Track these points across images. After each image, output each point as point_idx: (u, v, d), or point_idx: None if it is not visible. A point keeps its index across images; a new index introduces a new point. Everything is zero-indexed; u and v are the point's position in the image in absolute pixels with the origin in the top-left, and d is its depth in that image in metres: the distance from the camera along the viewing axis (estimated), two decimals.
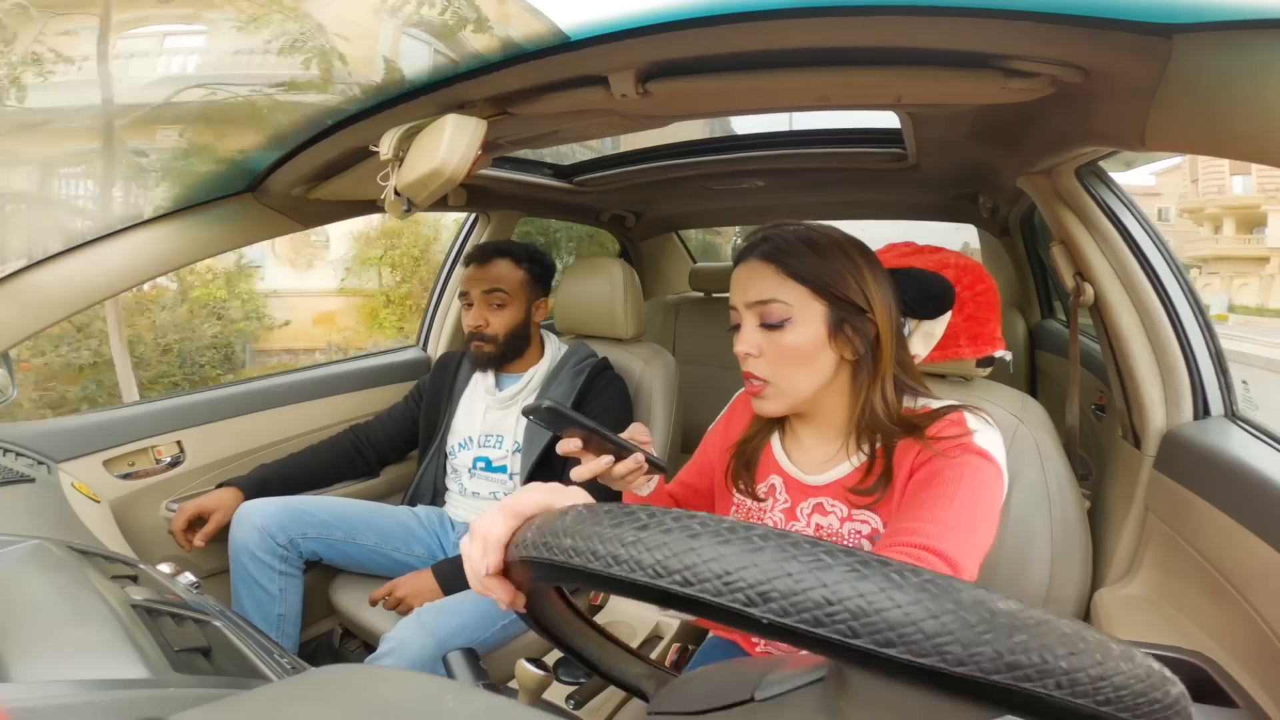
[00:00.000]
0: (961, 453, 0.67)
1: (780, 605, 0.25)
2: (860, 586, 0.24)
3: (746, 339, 0.74)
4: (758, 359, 0.74)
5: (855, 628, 0.24)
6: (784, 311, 0.71)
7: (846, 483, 0.75)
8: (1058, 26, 0.59)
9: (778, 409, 0.75)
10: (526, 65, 0.76)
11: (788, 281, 0.71)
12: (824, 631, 0.24)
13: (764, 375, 0.74)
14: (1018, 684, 0.23)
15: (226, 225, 1.16)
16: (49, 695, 0.37)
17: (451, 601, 1.13)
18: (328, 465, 1.41)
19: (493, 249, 1.41)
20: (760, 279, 0.73)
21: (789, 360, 0.72)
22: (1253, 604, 0.74)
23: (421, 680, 0.35)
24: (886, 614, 0.23)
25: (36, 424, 1.19)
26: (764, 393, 0.74)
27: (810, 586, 0.24)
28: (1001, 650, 0.23)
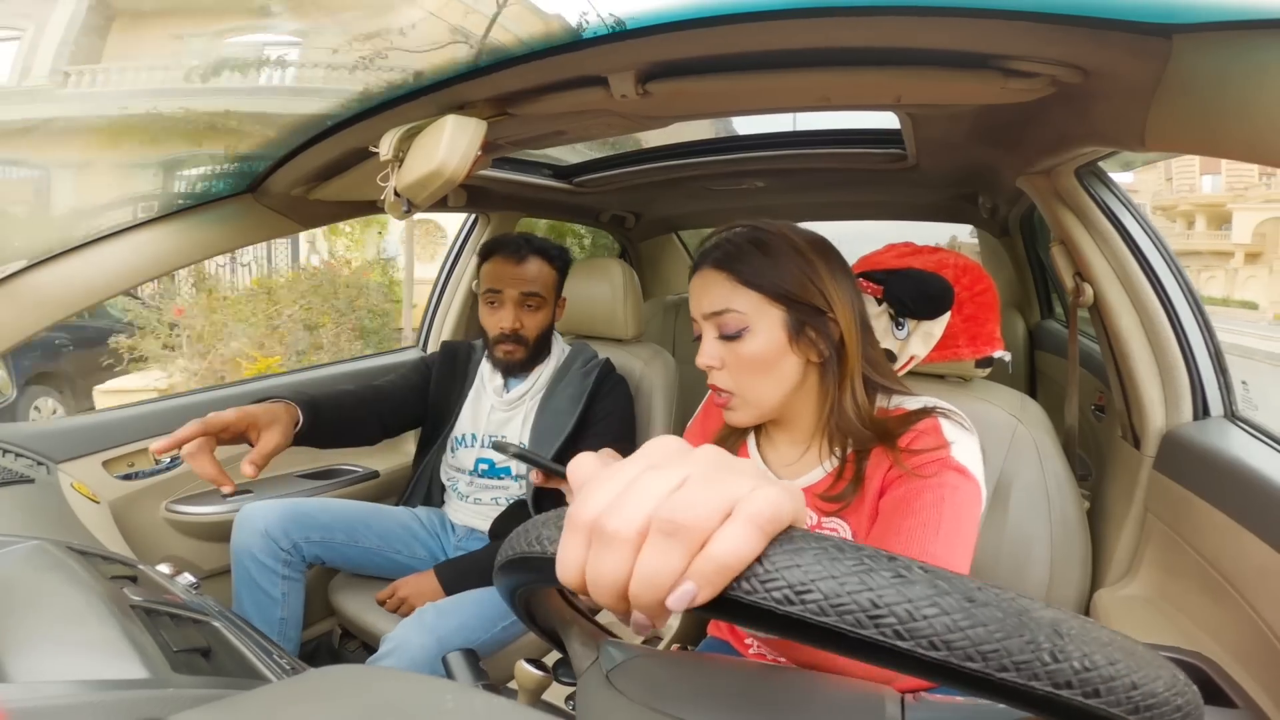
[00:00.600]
0: (939, 469, 0.65)
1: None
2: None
3: (707, 351, 0.72)
4: (720, 371, 0.71)
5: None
6: (740, 321, 0.69)
7: (817, 489, 0.74)
8: (1057, 26, 0.59)
9: (747, 419, 0.74)
10: (526, 66, 0.76)
11: (740, 289, 0.69)
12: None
13: (728, 387, 0.72)
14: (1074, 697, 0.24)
15: (226, 225, 1.16)
16: (48, 695, 0.37)
17: (452, 602, 1.12)
18: (361, 406, 1.24)
19: (526, 244, 1.32)
20: (713, 288, 0.70)
21: (750, 370, 0.70)
22: (1252, 604, 0.74)
23: (421, 681, 0.35)
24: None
25: (36, 424, 1.19)
26: (730, 404, 0.73)
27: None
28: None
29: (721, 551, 0.24)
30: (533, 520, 0.34)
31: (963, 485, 0.65)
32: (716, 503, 0.25)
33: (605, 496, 0.27)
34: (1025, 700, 0.23)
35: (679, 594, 0.25)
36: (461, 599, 1.13)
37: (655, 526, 0.25)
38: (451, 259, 1.94)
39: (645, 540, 0.25)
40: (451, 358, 1.46)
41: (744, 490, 0.26)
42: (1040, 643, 0.23)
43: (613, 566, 0.26)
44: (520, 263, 1.31)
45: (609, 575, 0.26)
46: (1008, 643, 0.23)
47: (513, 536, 0.35)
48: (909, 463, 0.66)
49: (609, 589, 0.26)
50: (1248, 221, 13.42)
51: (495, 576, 0.38)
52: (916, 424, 0.69)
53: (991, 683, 0.23)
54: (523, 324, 1.30)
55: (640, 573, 0.25)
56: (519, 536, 0.34)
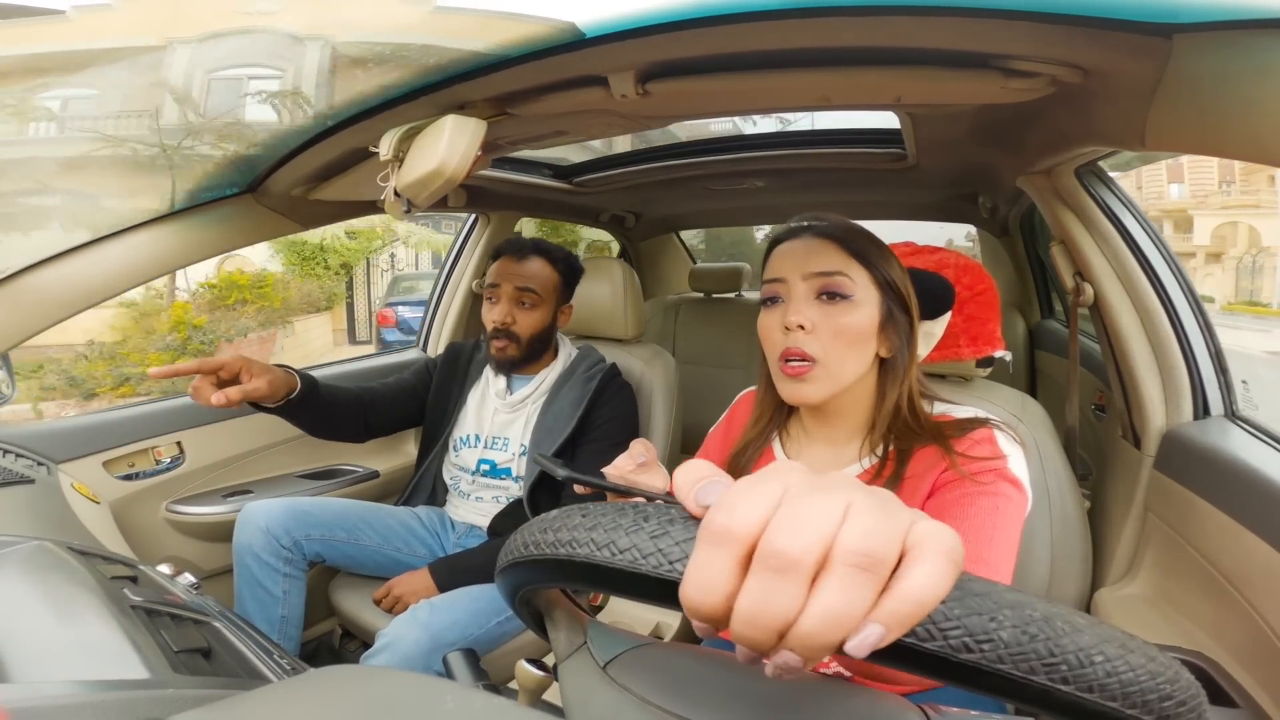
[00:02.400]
0: (996, 479, 0.65)
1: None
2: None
3: (800, 310, 0.69)
4: (809, 335, 0.69)
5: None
6: (849, 287, 0.69)
7: None
8: (1058, 26, 0.59)
9: (819, 394, 0.70)
10: (526, 66, 0.76)
11: (853, 261, 0.70)
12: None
13: (814, 353, 0.68)
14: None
15: (226, 226, 1.16)
16: (49, 695, 0.37)
17: (446, 598, 1.13)
18: (349, 404, 1.28)
19: (530, 245, 1.35)
20: (824, 252, 0.70)
21: (844, 339, 0.68)
22: (1253, 604, 0.74)
23: (421, 681, 0.35)
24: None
25: (36, 425, 1.19)
26: (809, 374, 0.69)
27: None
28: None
29: (917, 589, 0.22)
30: (581, 518, 0.30)
31: (1016, 498, 0.65)
32: (898, 534, 0.23)
33: (762, 511, 0.23)
34: None
35: (863, 637, 0.22)
36: (456, 595, 1.13)
37: (843, 559, 0.22)
38: (451, 259, 1.94)
39: (825, 572, 0.22)
40: (454, 359, 1.47)
41: (910, 520, 0.24)
42: (1157, 669, 0.25)
43: (786, 601, 0.22)
44: (521, 260, 1.33)
45: (778, 609, 0.22)
46: (1145, 684, 0.24)
47: (550, 533, 0.31)
48: (967, 468, 0.66)
49: (771, 626, 0.22)
50: (1207, 225, 14.85)
51: (503, 574, 0.36)
52: (972, 432, 0.69)
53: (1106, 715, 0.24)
54: (515, 320, 1.31)
55: (822, 611, 0.22)
56: (566, 535, 0.30)
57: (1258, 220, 14.53)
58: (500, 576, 0.38)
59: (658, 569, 0.26)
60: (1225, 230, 14.85)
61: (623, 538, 0.28)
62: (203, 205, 1.14)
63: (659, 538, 0.27)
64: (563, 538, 0.30)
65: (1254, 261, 14.08)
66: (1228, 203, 14.97)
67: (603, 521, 0.29)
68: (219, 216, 1.15)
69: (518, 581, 0.36)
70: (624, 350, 1.50)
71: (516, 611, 0.44)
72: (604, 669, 0.38)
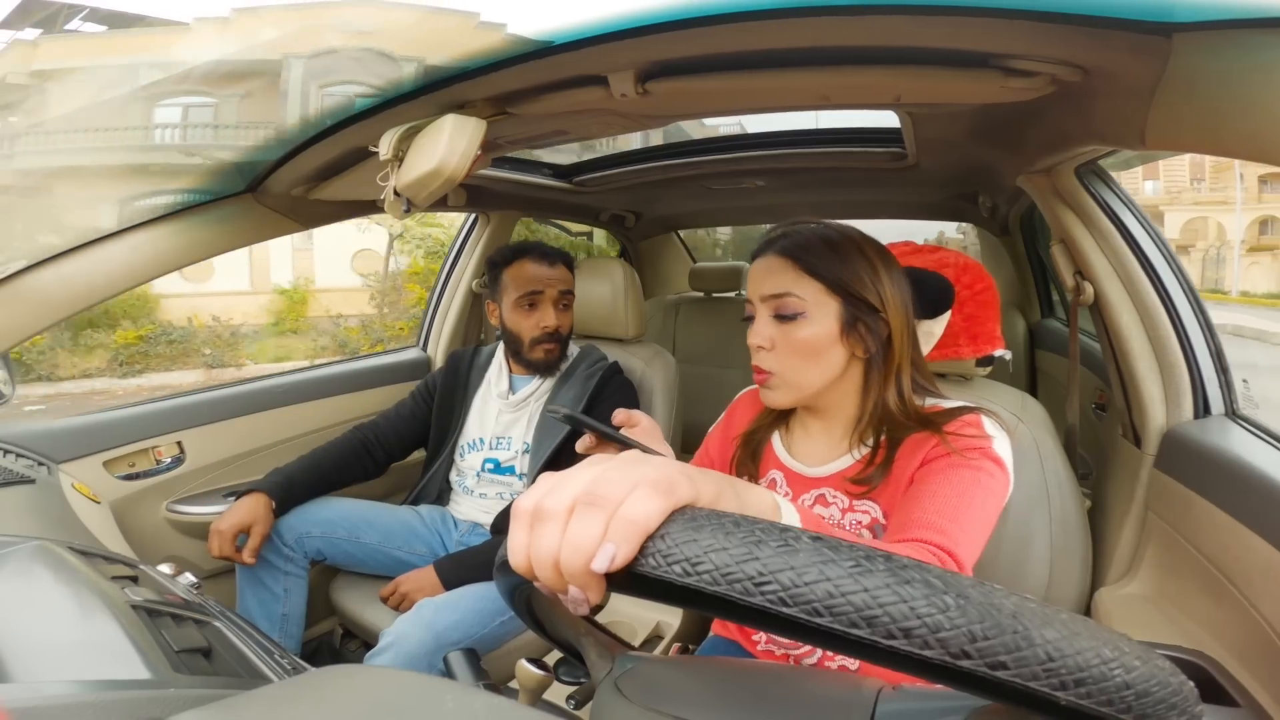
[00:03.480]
0: (980, 456, 0.68)
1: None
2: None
3: (759, 331, 0.75)
4: (769, 351, 0.75)
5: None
6: (798, 305, 0.72)
7: (848, 474, 0.76)
8: (1057, 26, 0.59)
9: (784, 400, 0.77)
10: (526, 65, 0.76)
11: (804, 277, 0.73)
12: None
13: (770, 368, 0.75)
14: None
15: (226, 225, 1.16)
16: (49, 695, 0.37)
17: (450, 597, 1.13)
18: (341, 466, 1.35)
19: (554, 251, 1.40)
20: (777, 273, 0.74)
21: (798, 354, 0.73)
22: (1253, 603, 0.74)
23: (422, 681, 0.35)
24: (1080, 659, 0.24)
25: (36, 424, 1.19)
26: (769, 383, 0.76)
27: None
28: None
29: (630, 511, 0.29)
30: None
31: (998, 475, 0.68)
32: (627, 480, 0.30)
33: (543, 488, 0.32)
34: (924, 669, 0.24)
35: (601, 555, 0.28)
36: (460, 594, 1.14)
37: (579, 501, 0.30)
38: (451, 259, 1.94)
39: (573, 515, 0.30)
40: (455, 368, 1.49)
41: (649, 469, 0.31)
42: (922, 610, 0.24)
43: (548, 541, 0.30)
44: (553, 265, 1.37)
45: (545, 549, 0.30)
46: (891, 609, 0.24)
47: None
48: (954, 443, 0.69)
49: (546, 563, 0.30)
50: (1178, 220, 15.73)
51: (496, 574, 0.39)
52: (961, 416, 0.72)
53: (878, 649, 0.24)
54: (560, 323, 1.37)
55: (568, 541, 0.30)
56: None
57: (1225, 215, 15.39)
58: (495, 575, 0.40)
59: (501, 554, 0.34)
60: (1196, 224, 15.63)
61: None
62: (203, 205, 1.14)
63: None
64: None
65: (1218, 253, 15.02)
66: (1198, 199, 15.72)
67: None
68: (219, 216, 1.15)
69: (507, 581, 0.39)
70: (624, 350, 1.50)
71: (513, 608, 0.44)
72: (615, 684, 0.39)
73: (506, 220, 1.90)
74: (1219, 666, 0.72)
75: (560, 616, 0.46)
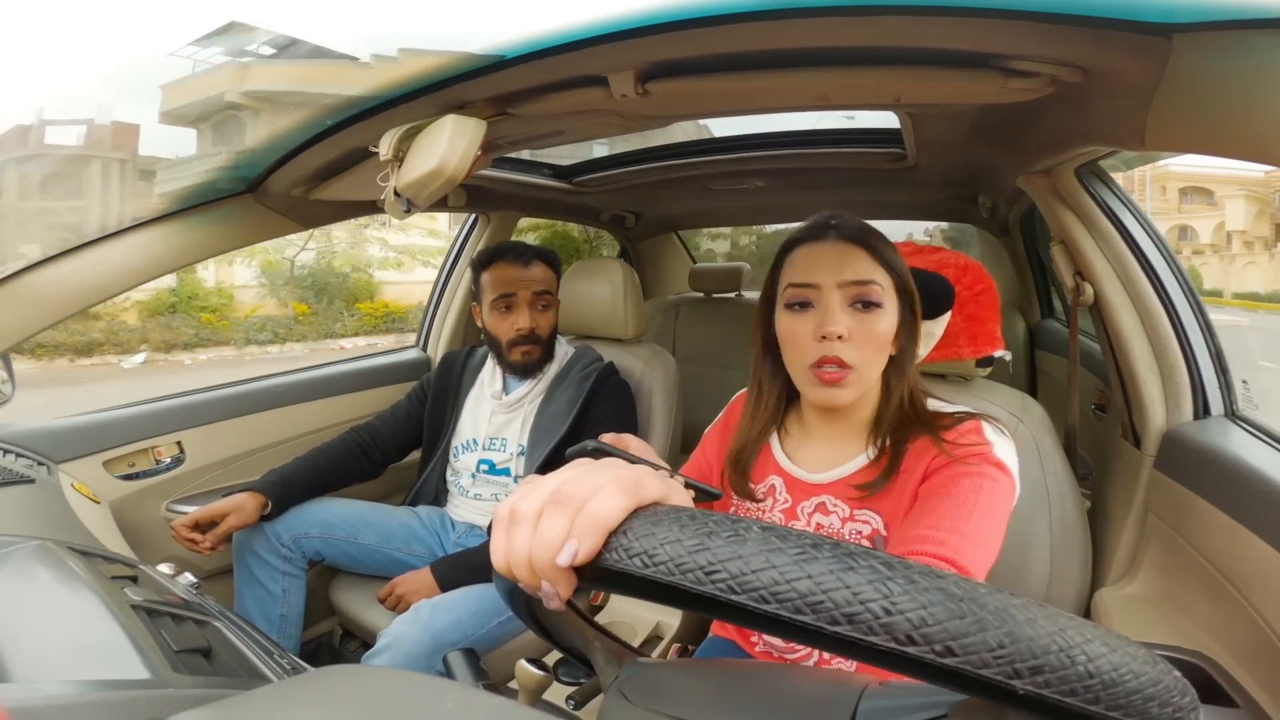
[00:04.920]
0: (981, 462, 0.67)
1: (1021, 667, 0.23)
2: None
3: (838, 319, 0.69)
4: (846, 342, 0.69)
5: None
6: (879, 295, 0.70)
7: (854, 479, 0.75)
8: (1057, 26, 0.59)
9: (851, 398, 0.72)
10: (526, 65, 0.76)
11: (879, 268, 0.71)
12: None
13: (852, 361, 0.69)
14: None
15: (226, 226, 1.16)
16: (49, 695, 0.37)
17: (448, 598, 1.13)
18: (338, 467, 1.35)
19: (531, 250, 1.39)
20: (856, 259, 0.71)
21: (875, 345, 0.71)
22: (1253, 604, 0.74)
23: (421, 681, 0.35)
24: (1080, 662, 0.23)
25: (36, 424, 1.19)
26: (846, 380, 0.70)
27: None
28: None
29: (593, 508, 0.30)
30: None
31: (1001, 479, 0.67)
32: (594, 481, 0.32)
33: (519, 493, 0.34)
34: (875, 656, 0.24)
35: (565, 551, 0.30)
36: (457, 595, 1.14)
37: (548, 500, 0.32)
38: (451, 259, 1.94)
39: (542, 515, 0.32)
40: (448, 369, 1.49)
41: (619, 470, 0.33)
42: (866, 595, 0.24)
43: (520, 541, 0.32)
44: (527, 265, 1.36)
45: (519, 549, 0.32)
46: (835, 594, 0.24)
47: None
48: (954, 452, 0.68)
49: (520, 562, 0.32)
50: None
51: (495, 575, 0.39)
52: (961, 424, 0.71)
53: (824, 635, 0.24)
54: (537, 324, 1.35)
55: (536, 539, 0.31)
56: None
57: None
58: (495, 576, 0.40)
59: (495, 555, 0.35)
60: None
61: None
62: (203, 205, 1.14)
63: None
64: None
65: None
66: (1154, 208, 16.68)
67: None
68: (219, 216, 1.15)
69: (506, 582, 0.39)
70: (624, 350, 1.50)
71: (514, 609, 0.44)
72: (619, 689, 0.39)
73: (506, 220, 1.90)
74: (1218, 667, 0.72)
75: (569, 624, 0.47)
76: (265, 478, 1.26)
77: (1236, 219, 11.05)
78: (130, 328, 8.00)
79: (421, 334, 1.95)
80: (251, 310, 8.83)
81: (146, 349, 7.80)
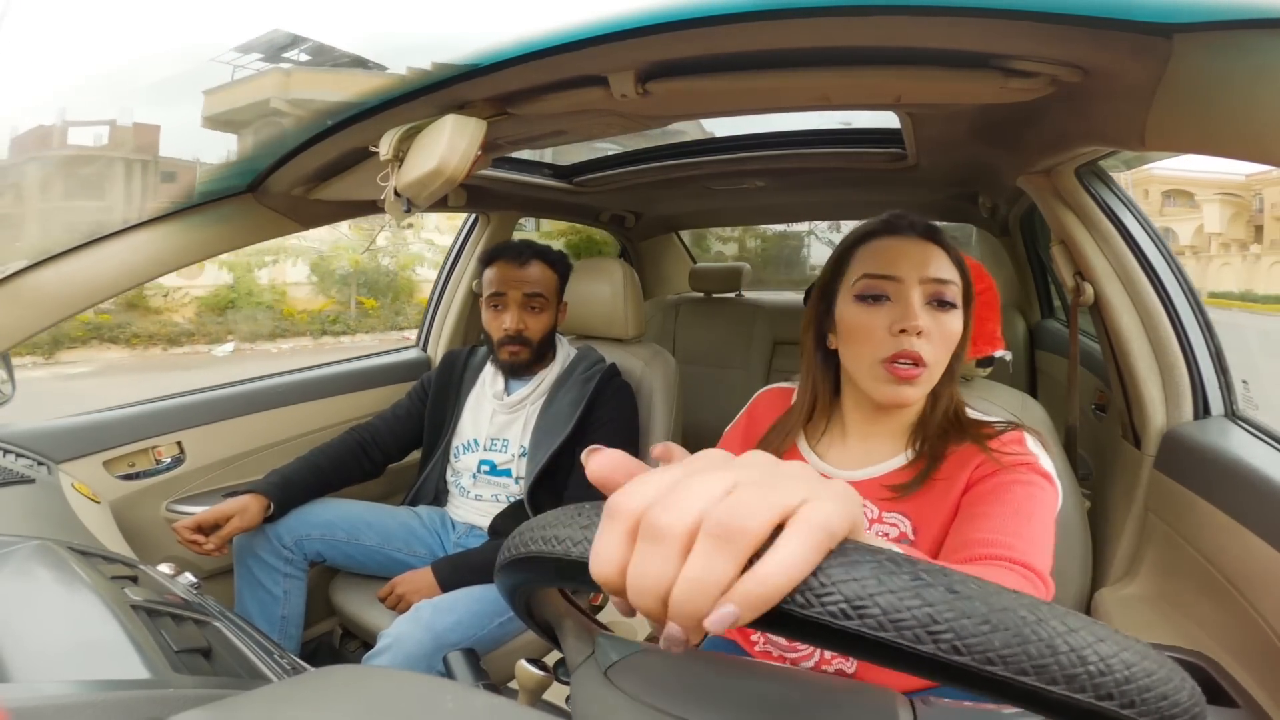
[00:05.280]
0: (1028, 470, 0.67)
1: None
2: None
3: (918, 315, 0.68)
4: (925, 339, 0.69)
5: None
6: (956, 295, 0.71)
7: (889, 480, 0.74)
8: (1058, 26, 0.59)
9: (918, 396, 0.71)
10: (526, 65, 0.76)
11: (953, 268, 0.72)
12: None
13: (929, 358, 0.69)
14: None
15: (226, 225, 1.16)
16: (49, 695, 0.37)
17: (448, 598, 1.13)
18: (339, 467, 1.34)
19: (529, 249, 1.38)
20: (938, 259, 0.71)
21: (947, 346, 0.71)
22: (1253, 604, 0.74)
23: (421, 681, 0.35)
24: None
25: (36, 424, 1.19)
26: (919, 378, 0.69)
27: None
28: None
29: (772, 571, 0.23)
30: (542, 518, 0.33)
31: (1048, 489, 0.67)
32: (770, 509, 0.24)
33: (653, 490, 0.25)
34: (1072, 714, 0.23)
35: (718, 616, 0.23)
36: (458, 595, 1.13)
37: (706, 529, 0.23)
38: (451, 259, 1.94)
39: (694, 543, 0.24)
40: (449, 368, 1.48)
41: (797, 497, 0.24)
42: (1089, 658, 0.23)
43: (659, 567, 0.24)
44: (522, 266, 1.35)
45: (654, 576, 0.24)
46: (1060, 657, 0.23)
47: (518, 535, 0.34)
48: (1002, 459, 0.68)
49: (652, 592, 0.24)
50: None
51: (497, 575, 0.38)
52: (1004, 434, 0.71)
53: (1041, 696, 0.23)
54: (526, 325, 1.34)
55: (686, 578, 0.23)
56: (527, 534, 0.33)
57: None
58: (497, 576, 0.39)
59: (567, 554, 0.29)
60: None
61: (560, 529, 0.30)
62: (203, 205, 1.14)
63: (566, 525, 0.30)
64: (527, 536, 0.33)
65: None
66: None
67: (562, 517, 0.31)
68: (219, 216, 1.15)
69: (511, 581, 0.37)
70: (624, 350, 1.50)
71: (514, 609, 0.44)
72: (605, 674, 0.38)
73: (506, 220, 1.90)
74: (1218, 667, 0.72)
75: (542, 600, 0.44)
76: (267, 479, 1.25)
77: (1213, 222, 11.26)
78: (217, 320, 8.68)
79: (421, 333, 1.95)
80: (321, 306, 9.54)
81: (234, 339, 8.52)
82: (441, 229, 9.07)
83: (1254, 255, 10.80)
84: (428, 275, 10.37)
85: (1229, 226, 11.47)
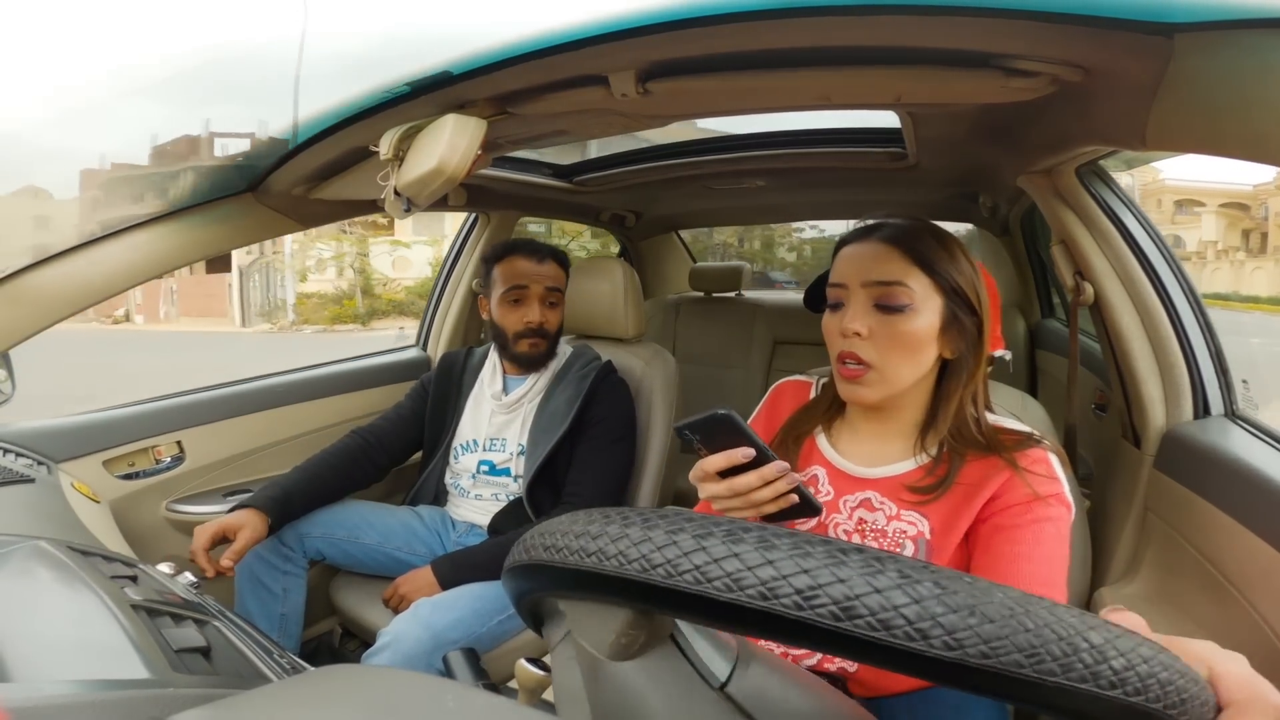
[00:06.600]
0: (1058, 503, 0.69)
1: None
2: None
3: (857, 317, 0.72)
4: (865, 340, 0.72)
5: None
6: (906, 296, 0.71)
7: (906, 480, 0.75)
8: (1058, 26, 0.59)
9: (874, 396, 0.73)
10: (526, 65, 0.76)
11: (914, 269, 0.72)
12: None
13: (869, 359, 0.72)
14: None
15: (227, 225, 1.16)
16: (49, 695, 0.37)
17: (448, 597, 1.13)
18: (342, 476, 1.32)
19: (544, 247, 1.41)
20: (885, 261, 0.72)
21: (900, 347, 0.71)
22: (1253, 603, 0.74)
23: (421, 680, 0.35)
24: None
25: (36, 424, 1.19)
26: (864, 378, 0.72)
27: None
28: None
29: None
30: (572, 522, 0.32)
31: (1068, 519, 0.70)
32: None
33: None
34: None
35: None
36: (458, 593, 1.14)
37: None
38: (451, 259, 1.94)
39: None
40: (448, 370, 1.49)
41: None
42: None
43: None
44: (542, 262, 1.38)
45: None
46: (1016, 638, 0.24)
47: (556, 540, 0.33)
48: (1035, 485, 0.69)
49: None
50: None
51: (504, 579, 0.38)
52: (1030, 450, 0.72)
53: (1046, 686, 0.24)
54: (546, 319, 1.37)
55: None
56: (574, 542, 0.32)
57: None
58: (505, 577, 0.38)
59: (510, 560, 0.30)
60: None
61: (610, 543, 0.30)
62: (203, 204, 1.13)
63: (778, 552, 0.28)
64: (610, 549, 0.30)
65: None
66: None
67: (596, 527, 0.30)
68: (219, 215, 1.15)
69: (528, 586, 0.36)
70: (624, 349, 1.50)
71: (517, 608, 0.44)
72: (724, 690, 0.37)
73: (506, 220, 1.90)
74: None
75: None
76: (267, 493, 1.21)
77: (1210, 231, 12.40)
78: (402, 302, 10.56)
79: (421, 333, 1.95)
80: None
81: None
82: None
83: (1239, 261, 11.71)
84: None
85: (1224, 235, 12.32)
